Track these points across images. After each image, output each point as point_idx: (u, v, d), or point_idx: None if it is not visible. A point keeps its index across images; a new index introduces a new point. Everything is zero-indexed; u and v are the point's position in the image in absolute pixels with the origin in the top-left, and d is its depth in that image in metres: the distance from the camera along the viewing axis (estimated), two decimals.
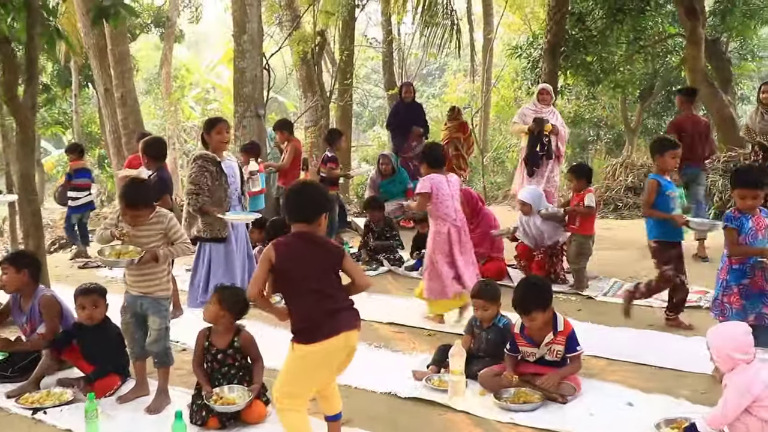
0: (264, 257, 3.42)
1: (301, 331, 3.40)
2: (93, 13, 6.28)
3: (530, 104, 9.31)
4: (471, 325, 4.91)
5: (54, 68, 20.49)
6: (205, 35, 43.59)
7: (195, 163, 5.69)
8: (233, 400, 4.01)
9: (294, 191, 3.62)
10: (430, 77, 38.41)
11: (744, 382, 3.35)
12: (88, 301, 4.65)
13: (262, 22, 10.97)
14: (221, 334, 4.22)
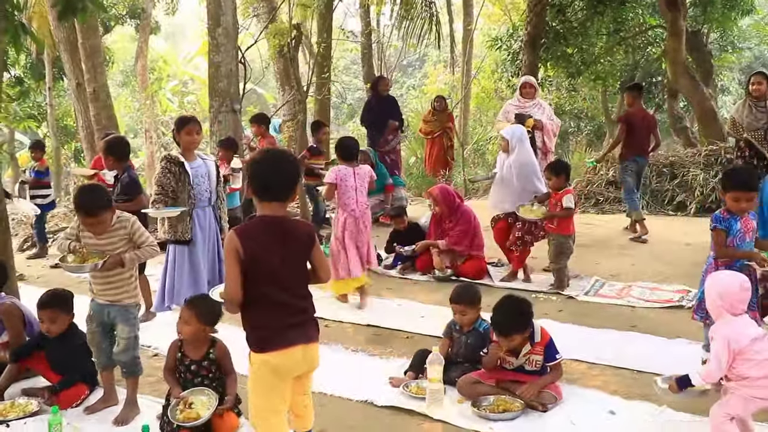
0: (230, 249, 2.99)
1: (259, 338, 3.09)
2: (60, 7, 6.07)
3: (514, 99, 8.84)
4: (450, 329, 4.78)
5: (27, 60, 20.11)
6: (182, 26, 43.12)
7: (160, 164, 5.69)
8: (196, 416, 3.80)
9: (262, 163, 3.12)
10: (411, 68, 38.23)
11: (728, 334, 3.40)
12: (45, 315, 4.45)
13: (237, 15, 10.77)
14: (195, 346, 4.05)
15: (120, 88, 32.57)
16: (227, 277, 3.04)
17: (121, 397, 4.41)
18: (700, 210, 10.20)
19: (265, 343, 3.07)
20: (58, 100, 21.12)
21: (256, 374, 3.13)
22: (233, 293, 3.01)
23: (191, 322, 3.97)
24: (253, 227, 3.09)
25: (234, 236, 3.00)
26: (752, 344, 3.37)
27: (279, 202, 3.08)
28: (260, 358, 3.08)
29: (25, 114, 20.79)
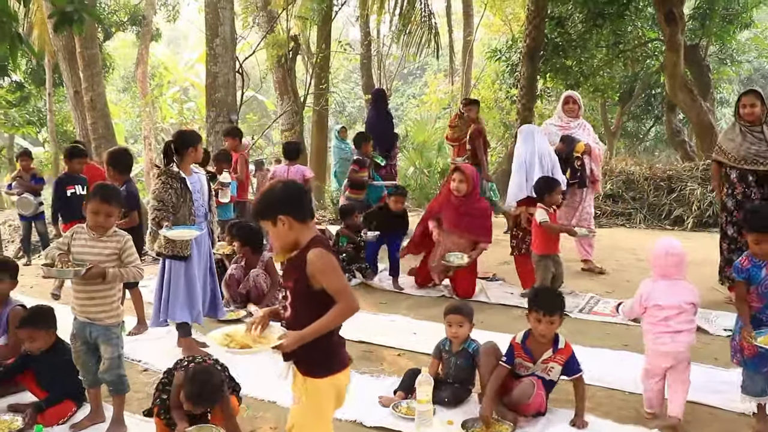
0: (335, 263, 2.96)
1: (332, 359, 3.01)
2: (56, 19, 6.07)
3: (554, 118, 7.81)
4: (439, 350, 4.75)
5: (28, 66, 20.17)
6: (184, 33, 43.24)
7: (159, 179, 5.48)
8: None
9: (293, 186, 3.13)
10: (411, 76, 38.31)
11: (642, 291, 4.32)
12: (24, 334, 4.41)
13: (235, 26, 10.80)
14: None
15: (121, 93, 32.65)
16: (346, 288, 2.95)
17: (108, 414, 4.38)
18: (698, 225, 10.19)
19: (337, 364, 3.02)
20: (58, 105, 21.17)
21: (321, 402, 3.02)
22: (357, 302, 2.95)
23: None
24: (327, 244, 3.05)
25: (327, 251, 2.94)
26: (656, 309, 4.20)
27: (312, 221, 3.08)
28: (324, 383, 2.99)
29: (24, 120, 20.82)
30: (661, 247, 4.27)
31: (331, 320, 2.88)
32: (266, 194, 3.07)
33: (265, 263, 7.11)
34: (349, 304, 2.88)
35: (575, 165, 7.43)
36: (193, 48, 37.47)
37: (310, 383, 2.99)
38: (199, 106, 28.08)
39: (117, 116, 25.45)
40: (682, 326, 4.17)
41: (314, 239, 2.98)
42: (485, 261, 8.43)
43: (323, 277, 2.88)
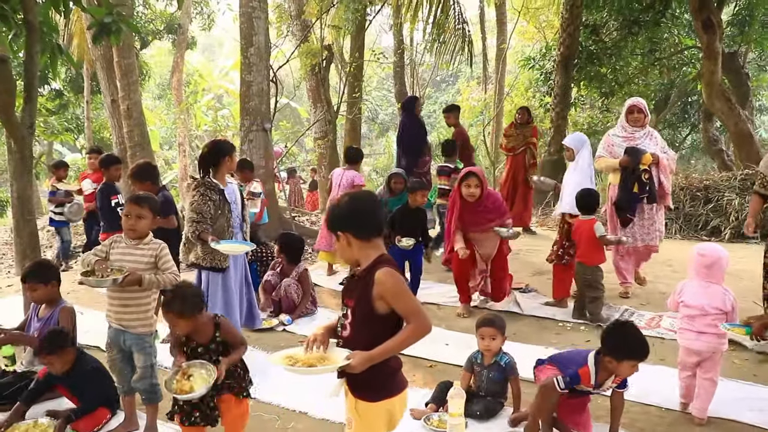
0: (404, 284, 2.87)
1: (389, 383, 2.93)
2: (94, 30, 6.18)
3: (617, 128, 7.30)
4: (471, 363, 4.73)
5: (67, 74, 20.51)
6: (219, 40, 43.70)
7: (197, 191, 5.45)
8: (189, 389, 3.61)
9: (362, 202, 2.99)
10: (444, 84, 38.27)
11: (678, 286, 4.64)
12: (43, 360, 4.47)
13: (269, 35, 10.87)
14: (200, 331, 3.84)
15: (156, 101, 33.06)
16: (418, 310, 2.81)
17: (142, 423, 4.43)
18: (735, 236, 10.01)
19: (392, 388, 2.94)
20: (95, 113, 21.50)
21: (371, 426, 2.94)
22: (430, 323, 2.81)
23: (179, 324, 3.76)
24: (394, 264, 2.93)
25: (395, 272, 2.84)
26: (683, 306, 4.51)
27: (381, 239, 2.98)
28: (377, 407, 2.91)
29: (62, 127, 21.17)
30: (696, 248, 4.56)
31: (403, 341, 2.78)
32: (333, 206, 3.03)
33: (299, 274, 7.14)
34: (423, 324, 2.77)
35: (643, 178, 6.89)
36: (228, 55, 37.85)
37: (361, 405, 2.93)
38: (233, 113, 28.29)
39: (152, 123, 25.77)
40: (706, 329, 4.38)
41: (380, 258, 2.90)
42: (518, 271, 8.39)
43: (393, 298, 2.79)
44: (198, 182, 5.51)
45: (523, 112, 10.74)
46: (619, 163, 6.93)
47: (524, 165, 10.59)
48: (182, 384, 3.61)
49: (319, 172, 17.57)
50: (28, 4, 5.63)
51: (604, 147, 7.23)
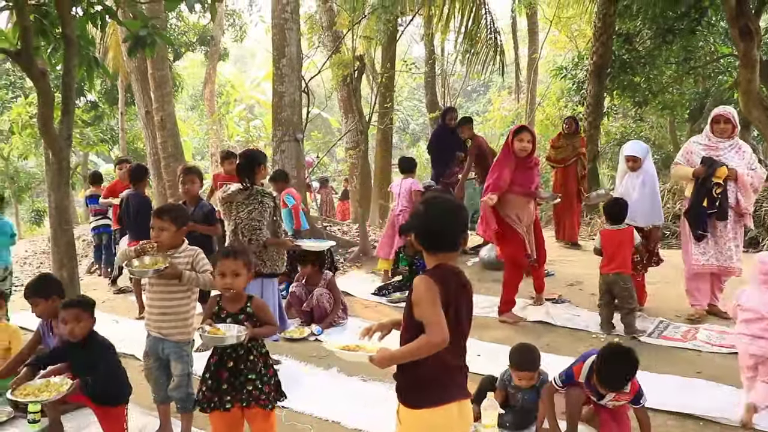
0: (433, 293, 2.75)
1: (421, 392, 2.84)
2: (130, 43, 6.28)
3: (701, 136, 6.80)
4: (504, 383, 4.65)
5: (102, 86, 20.86)
6: (251, 51, 44.10)
7: (255, 199, 5.66)
8: (222, 333, 3.63)
9: (434, 209, 2.91)
10: (475, 93, 38.22)
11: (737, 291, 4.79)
12: (70, 314, 4.27)
13: (301, 46, 10.94)
14: (234, 300, 3.87)
15: (189, 111, 33.45)
16: (436, 321, 2.72)
17: (177, 430, 4.46)
18: None
19: (424, 399, 2.85)
20: (129, 124, 21.83)
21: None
22: (445, 337, 2.71)
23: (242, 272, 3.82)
24: (443, 274, 2.85)
25: (432, 281, 2.78)
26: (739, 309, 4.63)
27: (454, 251, 2.93)
28: (415, 415, 2.86)
29: (98, 138, 21.51)
30: (758, 256, 4.70)
31: (413, 350, 2.76)
32: (412, 211, 3.05)
33: (327, 281, 7.17)
34: (433, 338, 2.70)
35: (714, 193, 6.40)
36: (260, 66, 38.19)
37: (401, 410, 2.92)
38: (265, 123, 28.53)
39: (185, 134, 26.07)
40: (762, 333, 4.49)
41: (435, 266, 2.87)
42: (551, 281, 8.32)
43: (417, 305, 2.78)
44: (250, 191, 5.64)
45: (570, 122, 10.44)
46: (693, 173, 6.54)
47: (576, 176, 10.26)
48: (214, 330, 3.64)
49: (351, 182, 17.63)
50: (67, 18, 5.74)
51: (683, 154, 6.82)
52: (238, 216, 5.67)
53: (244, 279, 3.86)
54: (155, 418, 4.61)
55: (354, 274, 9.43)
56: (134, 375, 5.46)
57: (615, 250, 6.41)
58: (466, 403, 2.94)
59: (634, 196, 6.83)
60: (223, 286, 3.82)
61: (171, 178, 12.40)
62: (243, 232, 5.63)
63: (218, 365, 3.74)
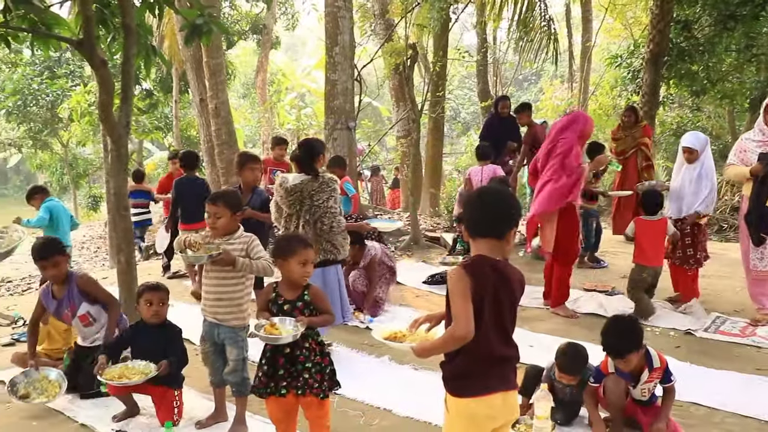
0: (462, 286, 2.74)
1: (461, 382, 2.85)
2: (186, 31, 6.36)
3: (754, 131, 6.27)
4: (550, 378, 4.61)
5: (157, 74, 21.21)
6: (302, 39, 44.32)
7: (329, 186, 5.58)
8: (278, 332, 3.65)
9: (484, 195, 2.95)
10: (526, 82, 37.81)
11: None
12: (156, 297, 4.58)
13: (354, 34, 10.94)
14: (290, 287, 3.88)
15: (240, 99, 33.80)
16: (460, 315, 2.71)
17: (231, 414, 4.53)
18: None
19: (465, 388, 2.85)
20: (183, 111, 22.15)
21: (453, 421, 2.92)
22: (468, 330, 2.70)
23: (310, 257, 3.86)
24: (478, 266, 2.82)
25: (463, 273, 2.76)
26: None
27: (497, 239, 2.86)
28: (459, 403, 2.87)
29: (152, 126, 21.91)
30: None
31: (442, 343, 2.82)
32: (466, 199, 3.04)
33: (366, 263, 7.16)
34: (456, 331, 2.71)
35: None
36: (311, 54, 38.34)
37: (448, 399, 2.93)
38: (316, 111, 28.67)
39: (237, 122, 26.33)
40: None
41: (474, 257, 2.85)
42: (604, 274, 8.22)
43: (449, 297, 2.79)
44: (322, 178, 5.58)
45: (629, 113, 9.98)
46: (750, 172, 6.02)
47: (636, 169, 9.77)
48: (271, 329, 3.67)
49: (402, 170, 17.63)
50: (127, 8, 5.83)
51: (735, 153, 6.34)
52: (314, 205, 5.54)
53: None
54: (210, 401, 4.70)
55: (405, 263, 9.44)
56: (190, 358, 5.63)
57: (648, 241, 6.44)
58: (512, 394, 2.92)
59: (690, 189, 6.73)
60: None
61: (224, 165, 12.57)
62: (323, 221, 5.53)
63: (274, 351, 3.76)
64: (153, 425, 4.53)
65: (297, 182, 5.57)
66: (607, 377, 4.23)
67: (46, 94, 21.86)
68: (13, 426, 4.63)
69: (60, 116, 21.88)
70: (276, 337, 3.62)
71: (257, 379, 3.81)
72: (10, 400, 4.82)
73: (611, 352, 4.13)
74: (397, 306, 7.42)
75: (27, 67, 22.29)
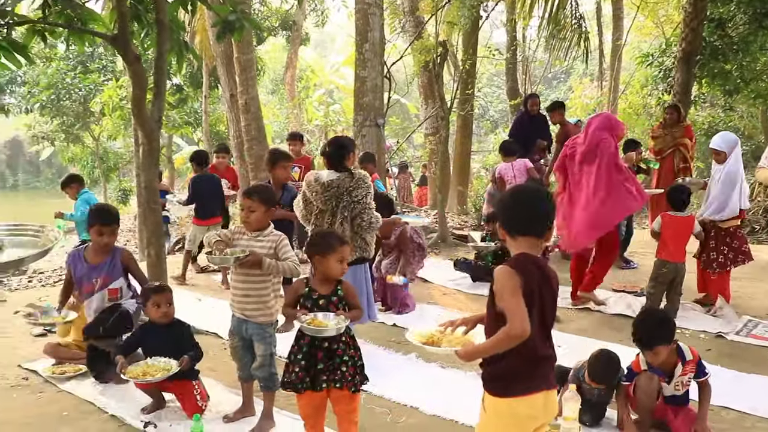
0: (514, 284, 2.72)
1: (504, 381, 2.82)
2: (218, 27, 6.41)
3: None
4: (577, 378, 4.57)
5: (187, 70, 21.39)
6: (331, 35, 44.40)
7: (365, 183, 5.54)
8: (325, 325, 3.68)
9: (524, 194, 2.97)
10: (555, 80, 37.55)
11: None
12: (164, 299, 4.69)
13: (384, 31, 10.94)
14: (324, 282, 3.92)
15: (269, 95, 33.95)
16: (516, 313, 2.67)
17: (258, 409, 4.56)
18: None
19: (510, 389, 2.82)
20: (212, 107, 22.31)
21: (490, 420, 2.90)
22: (525, 329, 2.66)
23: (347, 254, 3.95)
24: (524, 264, 2.80)
25: (513, 271, 2.74)
26: None
27: (537, 237, 2.87)
28: (500, 404, 2.85)
29: (182, 120, 22.11)
30: None
31: (495, 343, 2.74)
32: (498, 197, 3.04)
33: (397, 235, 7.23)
34: (514, 329, 2.65)
35: None
36: (339, 51, 38.41)
37: (487, 398, 2.90)
38: (344, 108, 28.72)
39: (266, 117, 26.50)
40: None
41: (516, 256, 2.83)
42: (633, 275, 8.15)
43: (498, 296, 2.75)
44: (356, 175, 5.52)
45: (672, 111, 9.49)
46: None
47: (673, 169, 9.26)
48: (316, 321, 3.70)
49: (430, 168, 17.61)
50: (160, 3, 5.88)
51: (767, 156, 6.37)
52: (352, 201, 5.47)
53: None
54: (238, 396, 4.74)
55: (432, 261, 9.42)
56: (217, 352, 5.69)
57: (671, 236, 6.37)
58: (552, 393, 2.92)
59: (715, 189, 6.69)
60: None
61: (253, 160, 12.64)
62: (362, 217, 5.48)
63: (312, 345, 3.78)
64: (182, 416, 4.58)
65: (333, 178, 5.49)
66: (639, 375, 4.21)
67: (79, 89, 22.16)
68: (45, 416, 4.70)
69: (92, 110, 22.17)
70: (323, 329, 3.65)
71: (293, 374, 3.81)
72: (43, 390, 4.92)
73: (640, 342, 4.13)
74: (425, 304, 7.41)
75: (61, 62, 22.62)
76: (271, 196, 4.45)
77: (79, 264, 5.12)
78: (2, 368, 5.60)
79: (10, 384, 5.28)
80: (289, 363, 3.86)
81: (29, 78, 23.10)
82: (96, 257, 5.10)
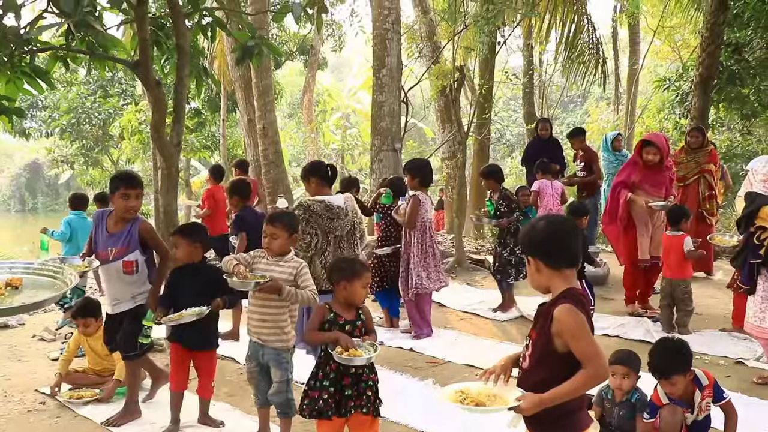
0: (584, 324, 2.63)
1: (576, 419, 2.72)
2: (237, 53, 6.48)
3: None
4: (601, 398, 4.54)
5: (206, 94, 21.62)
6: (348, 60, 44.70)
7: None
8: (359, 353, 3.68)
9: (566, 227, 2.86)
10: (572, 104, 37.54)
11: None
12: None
13: (401, 56, 11.02)
14: (347, 308, 3.94)
15: (286, 119, 34.19)
16: (596, 354, 2.60)
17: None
18: None
19: (567, 427, 2.72)
20: (229, 130, 22.49)
21: None
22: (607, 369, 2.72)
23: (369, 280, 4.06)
24: (581, 301, 2.71)
25: (577, 310, 2.64)
26: None
27: (575, 269, 2.80)
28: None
29: (200, 144, 22.29)
30: None
31: (576, 387, 2.61)
32: (527, 227, 2.89)
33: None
34: (598, 371, 2.59)
35: None
36: (356, 75, 38.65)
37: None
38: (361, 132, 28.86)
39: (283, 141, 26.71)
40: None
41: (566, 292, 2.71)
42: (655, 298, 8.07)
43: (571, 339, 2.62)
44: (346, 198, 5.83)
45: (696, 134, 8.94)
46: None
47: (697, 197, 8.80)
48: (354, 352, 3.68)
49: (446, 192, 17.61)
50: (181, 29, 5.97)
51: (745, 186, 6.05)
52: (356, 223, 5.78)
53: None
54: (255, 422, 4.72)
55: (448, 286, 9.39)
56: (234, 378, 5.68)
57: (666, 253, 6.95)
58: (595, 425, 2.91)
59: None
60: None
61: (271, 184, 12.70)
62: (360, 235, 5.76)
63: (338, 371, 3.79)
64: None
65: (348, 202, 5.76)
66: (662, 408, 4.12)
67: (99, 113, 22.45)
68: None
69: (111, 134, 22.41)
70: (355, 359, 3.66)
71: (321, 401, 3.79)
72: (60, 414, 4.95)
73: (656, 373, 4.05)
74: (442, 329, 7.38)
75: (81, 86, 22.94)
76: (294, 223, 4.47)
77: (99, 227, 4.93)
78: (19, 392, 5.63)
79: (27, 408, 5.31)
80: (313, 390, 3.84)
81: (50, 102, 23.45)
82: (116, 225, 4.86)
